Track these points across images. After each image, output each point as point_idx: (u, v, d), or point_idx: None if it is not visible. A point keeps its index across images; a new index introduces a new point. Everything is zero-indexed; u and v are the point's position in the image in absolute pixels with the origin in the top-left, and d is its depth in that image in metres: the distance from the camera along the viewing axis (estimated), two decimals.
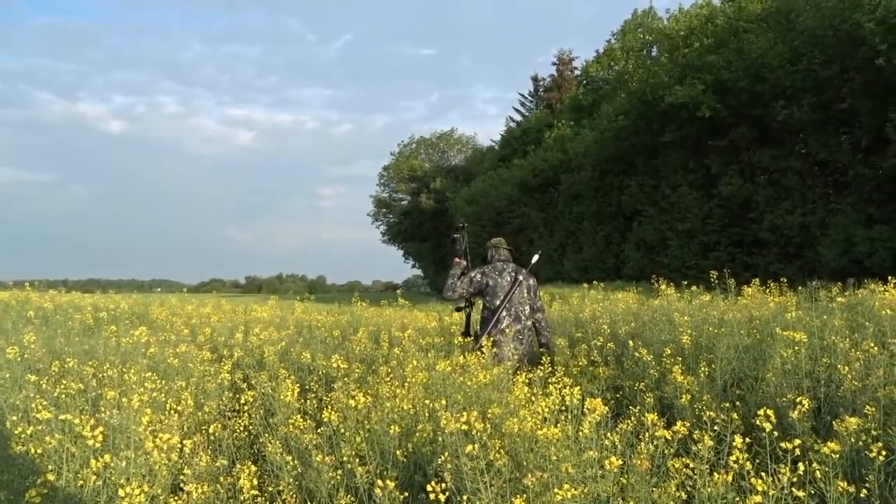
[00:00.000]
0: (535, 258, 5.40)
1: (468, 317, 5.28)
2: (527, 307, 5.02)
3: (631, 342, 5.05)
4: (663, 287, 7.21)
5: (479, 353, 4.15)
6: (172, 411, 3.61)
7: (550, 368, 4.11)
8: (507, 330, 4.81)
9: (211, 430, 3.59)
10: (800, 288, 6.33)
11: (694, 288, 7.45)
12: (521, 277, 5.02)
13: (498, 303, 4.91)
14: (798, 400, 2.80)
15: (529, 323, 5.03)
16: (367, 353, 5.75)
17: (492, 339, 4.67)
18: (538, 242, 33.51)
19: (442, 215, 49.98)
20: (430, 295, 40.51)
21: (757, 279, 7.55)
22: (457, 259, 5.18)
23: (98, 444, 2.69)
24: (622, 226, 27.03)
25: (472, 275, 5.07)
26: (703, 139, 21.00)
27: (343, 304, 11.36)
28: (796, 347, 3.85)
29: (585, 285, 10.63)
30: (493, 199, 36.91)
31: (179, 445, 2.98)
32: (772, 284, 7.54)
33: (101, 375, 4.18)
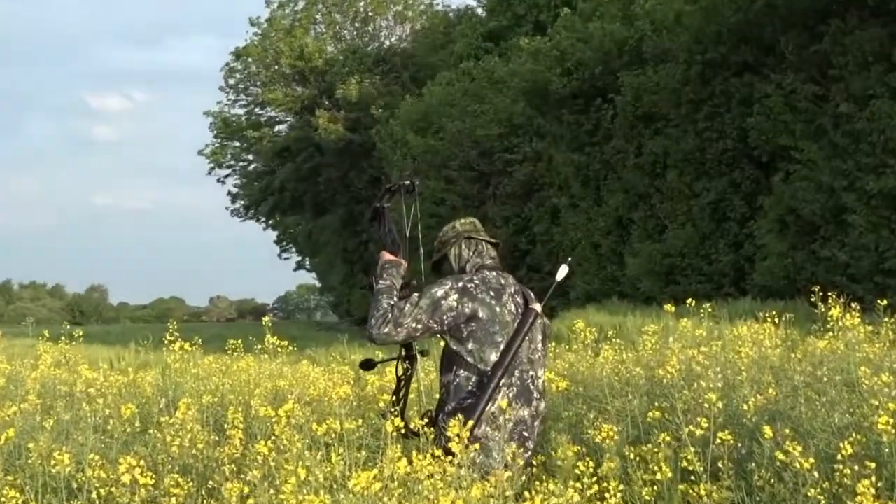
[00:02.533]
0: (563, 271, 5.33)
1: (408, 381, 5.27)
2: (540, 370, 5.18)
3: (767, 429, 5.09)
4: (835, 312, 7.26)
5: (441, 450, 4.13)
6: None
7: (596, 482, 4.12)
8: (503, 418, 4.74)
9: None
10: None
11: None
12: (536, 307, 5.09)
13: (495, 358, 4.90)
14: None
15: (543, 406, 5.19)
16: (197, 452, 5.74)
17: (473, 432, 4.60)
18: (569, 218, 33.77)
19: (362, 157, 50.14)
20: (334, 329, 40.57)
21: None
22: (388, 256, 5.16)
23: None
24: (749, 181, 27.52)
25: (439, 293, 4.94)
26: None
27: (146, 348, 11.24)
28: None
29: (670, 308, 10.66)
30: (474, 125, 37.07)
31: None
32: None
33: None
